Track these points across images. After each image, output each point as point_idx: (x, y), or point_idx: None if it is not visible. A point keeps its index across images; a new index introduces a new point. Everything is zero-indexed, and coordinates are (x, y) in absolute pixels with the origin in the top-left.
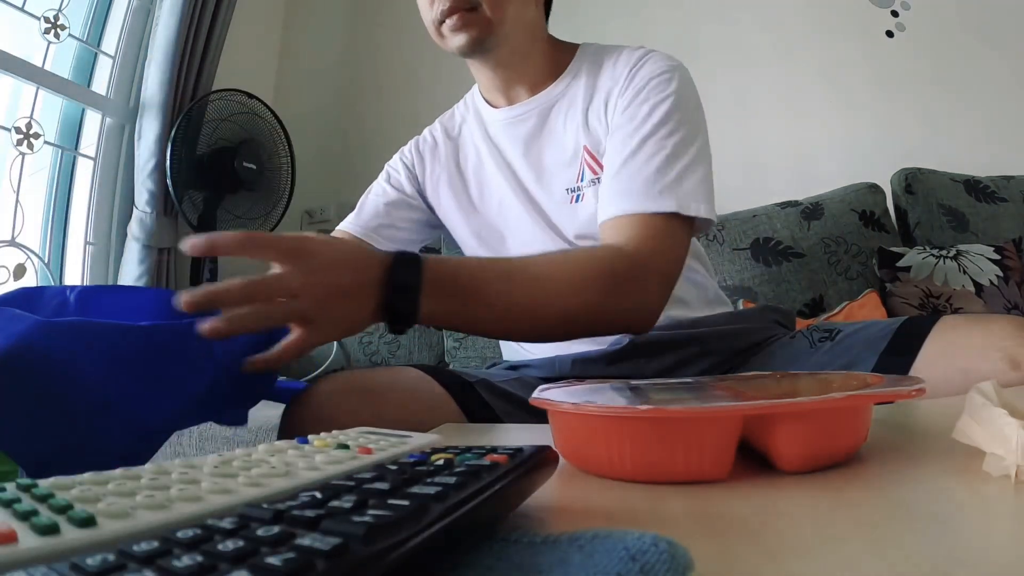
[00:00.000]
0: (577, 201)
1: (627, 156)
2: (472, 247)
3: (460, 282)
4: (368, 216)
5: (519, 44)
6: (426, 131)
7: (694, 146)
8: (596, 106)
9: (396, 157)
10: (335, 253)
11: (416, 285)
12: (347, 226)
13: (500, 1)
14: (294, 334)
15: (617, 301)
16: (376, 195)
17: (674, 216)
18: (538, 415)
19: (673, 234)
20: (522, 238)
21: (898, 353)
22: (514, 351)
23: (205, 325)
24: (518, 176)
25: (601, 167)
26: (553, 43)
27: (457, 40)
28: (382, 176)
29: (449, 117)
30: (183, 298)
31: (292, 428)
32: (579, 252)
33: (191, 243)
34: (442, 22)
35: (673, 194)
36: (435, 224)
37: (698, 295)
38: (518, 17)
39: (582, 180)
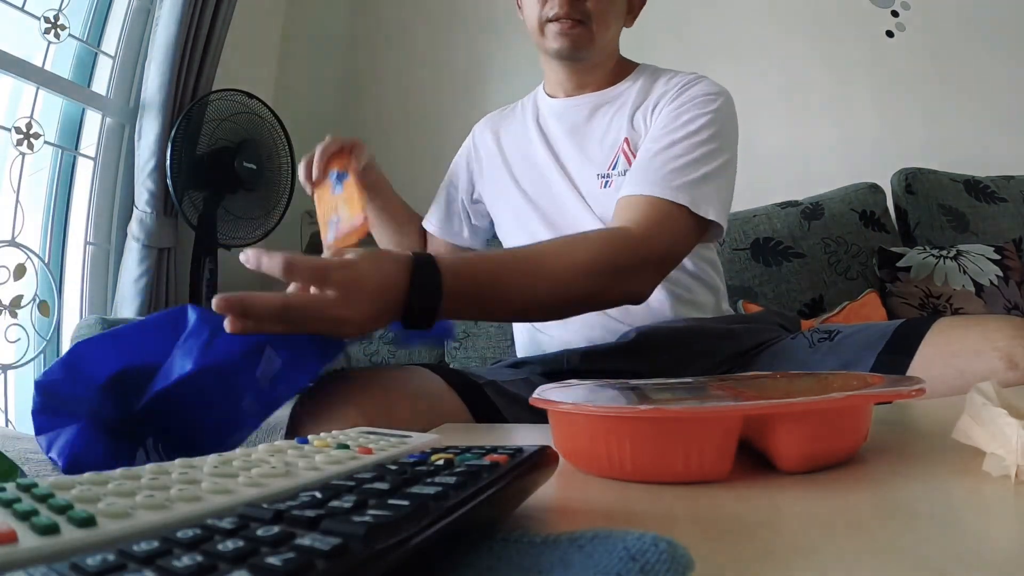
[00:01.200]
0: (606, 187)
1: (657, 150)
2: (508, 228)
3: (480, 272)
4: (437, 219)
5: (603, 56)
6: (486, 118)
7: (721, 159)
8: (644, 109)
9: (467, 142)
10: (373, 278)
11: (438, 290)
12: (429, 227)
13: (606, 22)
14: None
15: (617, 285)
16: (443, 189)
17: (686, 211)
18: (543, 415)
19: (680, 227)
20: (559, 212)
21: (896, 353)
22: (525, 345)
23: (227, 323)
24: (560, 158)
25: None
26: (620, 56)
27: (558, 43)
28: (452, 165)
29: (510, 109)
30: (217, 300)
31: (301, 427)
32: (589, 238)
33: (250, 256)
34: (548, 22)
35: (690, 191)
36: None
37: (712, 301)
38: (612, 36)
39: (614, 168)
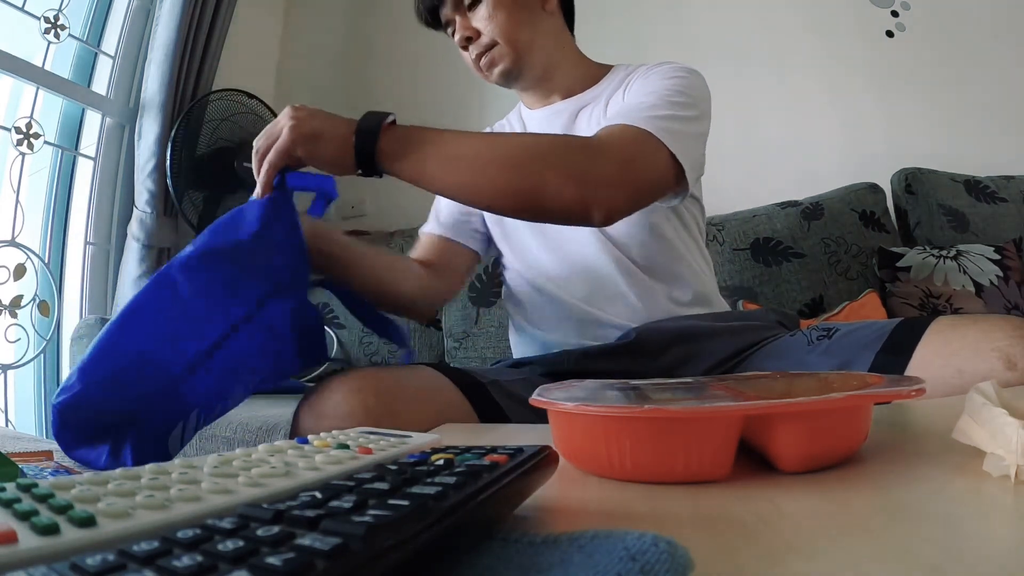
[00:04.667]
0: None
1: (633, 104)
2: (497, 233)
3: (414, 132)
4: (446, 217)
5: (545, 62)
6: None
7: (694, 113)
8: (617, 96)
9: None
10: (325, 114)
11: (376, 129)
12: (429, 228)
13: (511, 34)
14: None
15: (571, 182)
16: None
17: (655, 139)
18: (546, 416)
19: (648, 150)
20: (528, 244)
21: (894, 352)
22: (524, 346)
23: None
24: None
25: None
26: (583, 57)
27: (493, 76)
28: None
29: (498, 126)
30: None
31: (306, 426)
32: (552, 135)
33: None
34: (478, 64)
35: (658, 125)
36: None
37: (709, 299)
38: (533, 41)
39: None
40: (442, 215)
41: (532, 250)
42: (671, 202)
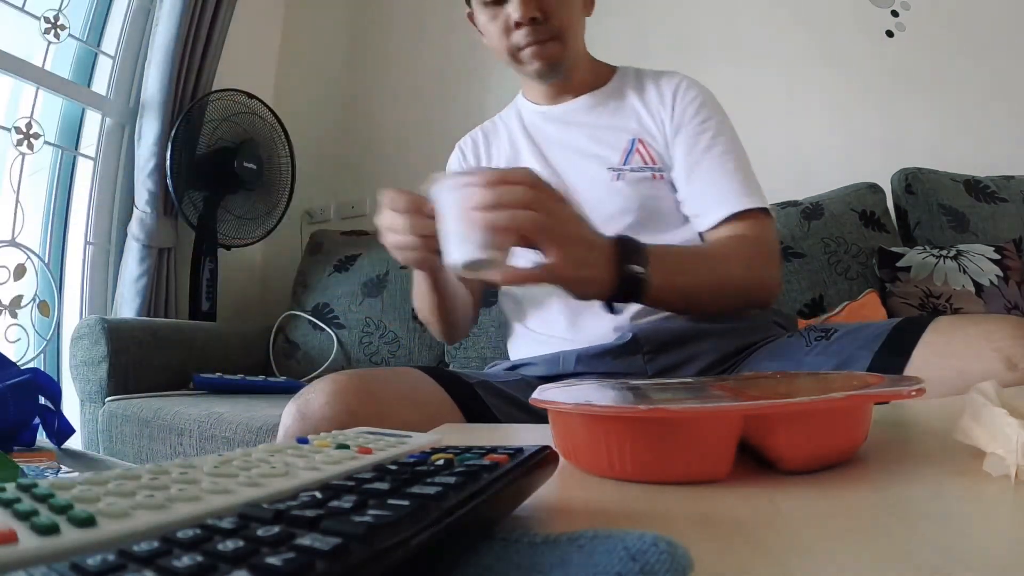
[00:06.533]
0: (619, 179)
1: (710, 168)
2: None
3: (672, 255)
4: None
5: (577, 60)
6: (467, 136)
7: (741, 152)
8: (650, 114)
9: (456, 157)
10: (568, 202)
11: (643, 253)
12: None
13: (573, 29)
14: (549, 256)
15: (763, 275)
16: None
17: (763, 214)
18: (537, 416)
19: (769, 224)
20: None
21: (893, 353)
22: (520, 349)
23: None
24: (550, 161)
25: (655, 161)
26: (590, 56)
27: (536, 66)
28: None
29: (490, 123)
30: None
31: (290, 429)
32: (727, 242)
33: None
34: (520, 49)
35: (756, 197)
36: None
37: None
38: (579, 40)
39: (625, 163)
40: None
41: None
42: None
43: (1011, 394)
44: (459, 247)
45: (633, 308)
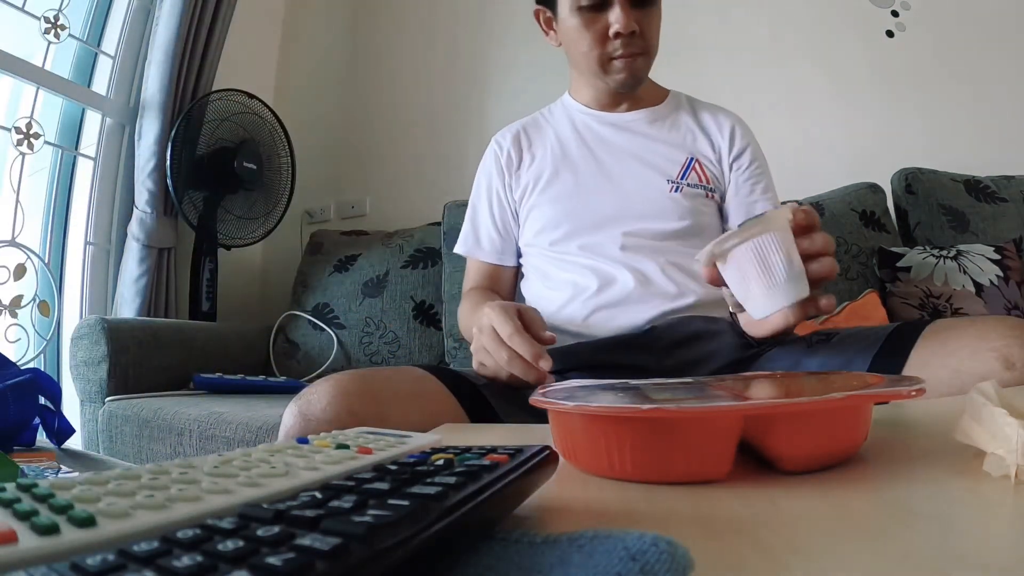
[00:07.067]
0: (676, 192)
1: (762, 208)
2: (545, 225)
3: None
4: (487, 243)
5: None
6: (505, 130)
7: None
8: (708, 138)
9: (489, 162)
10: None
11: None
12: (471, 253)
13: (656, 48)
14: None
15: None
16: (486, 210)
17: None
18: (539, 416)
19: None
20: (625, 206)
21: (892, 354)
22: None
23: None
24: (602, 161)
25: (709, 181)
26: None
27: (623, 77)
28: (484, 196)
29: (532, 119)
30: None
31: (292, 429)
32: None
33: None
34: (612, 59)
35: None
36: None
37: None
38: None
39: (683, 178)
40: (483, 241)
41: (592, 207)
42: None
43: (1011, 394)
44: (785, 293)
45: (653, 306)
